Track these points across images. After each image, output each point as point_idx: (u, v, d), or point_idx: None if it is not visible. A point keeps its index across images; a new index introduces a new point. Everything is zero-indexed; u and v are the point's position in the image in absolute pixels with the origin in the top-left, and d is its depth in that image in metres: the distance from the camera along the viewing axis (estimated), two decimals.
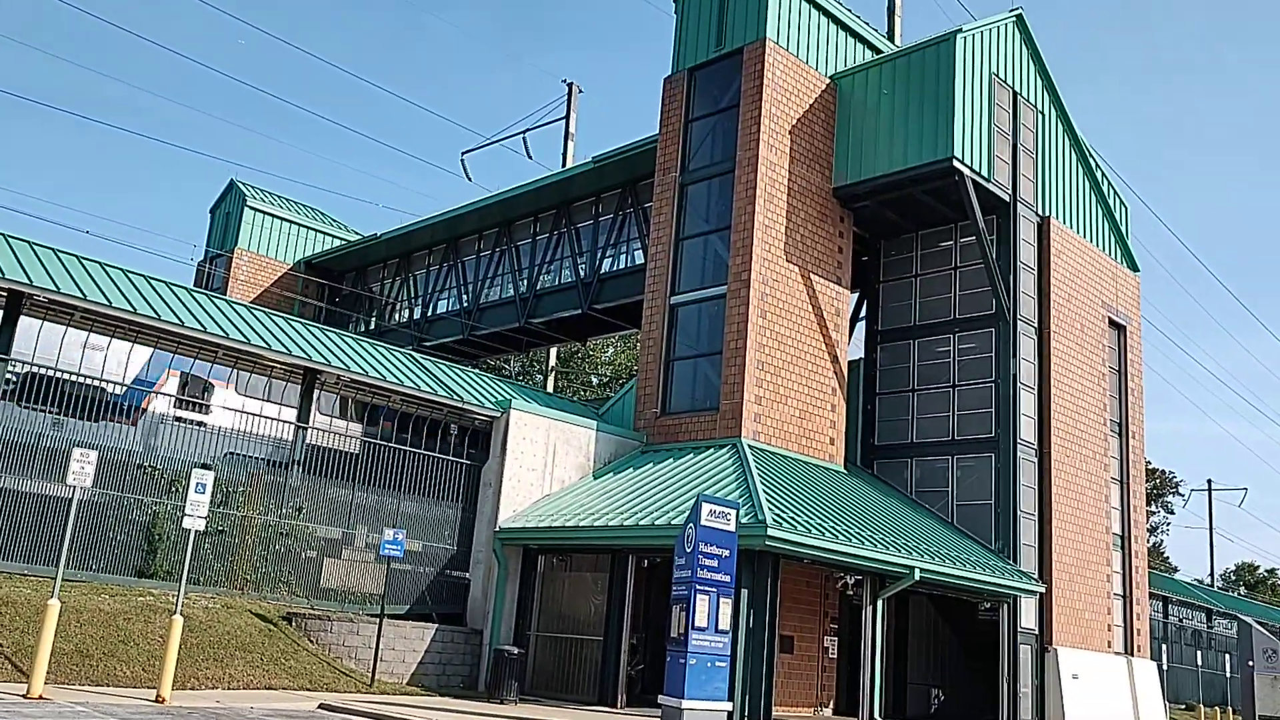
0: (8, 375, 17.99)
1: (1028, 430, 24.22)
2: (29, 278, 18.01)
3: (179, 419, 19.72)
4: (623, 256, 30.09)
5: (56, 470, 16.77)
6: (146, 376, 20.15)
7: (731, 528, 15.46)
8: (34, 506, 17.13)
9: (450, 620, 21.04)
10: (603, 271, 30.18)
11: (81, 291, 18.50)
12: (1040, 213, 26.07)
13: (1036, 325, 25.21)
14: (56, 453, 17.26)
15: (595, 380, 50.66)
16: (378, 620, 18.71)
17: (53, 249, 19.95)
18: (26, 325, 18.30)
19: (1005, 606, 22.88)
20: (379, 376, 21.79)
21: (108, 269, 20.37)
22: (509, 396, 23.06)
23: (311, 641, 18.54)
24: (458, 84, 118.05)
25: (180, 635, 14.76)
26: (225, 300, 22.67)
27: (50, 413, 18.02)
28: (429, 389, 22.27)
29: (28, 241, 19.65)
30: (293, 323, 23.04)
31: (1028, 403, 24.41)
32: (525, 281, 32.62)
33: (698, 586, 14.83)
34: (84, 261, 20.11)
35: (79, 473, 14.53)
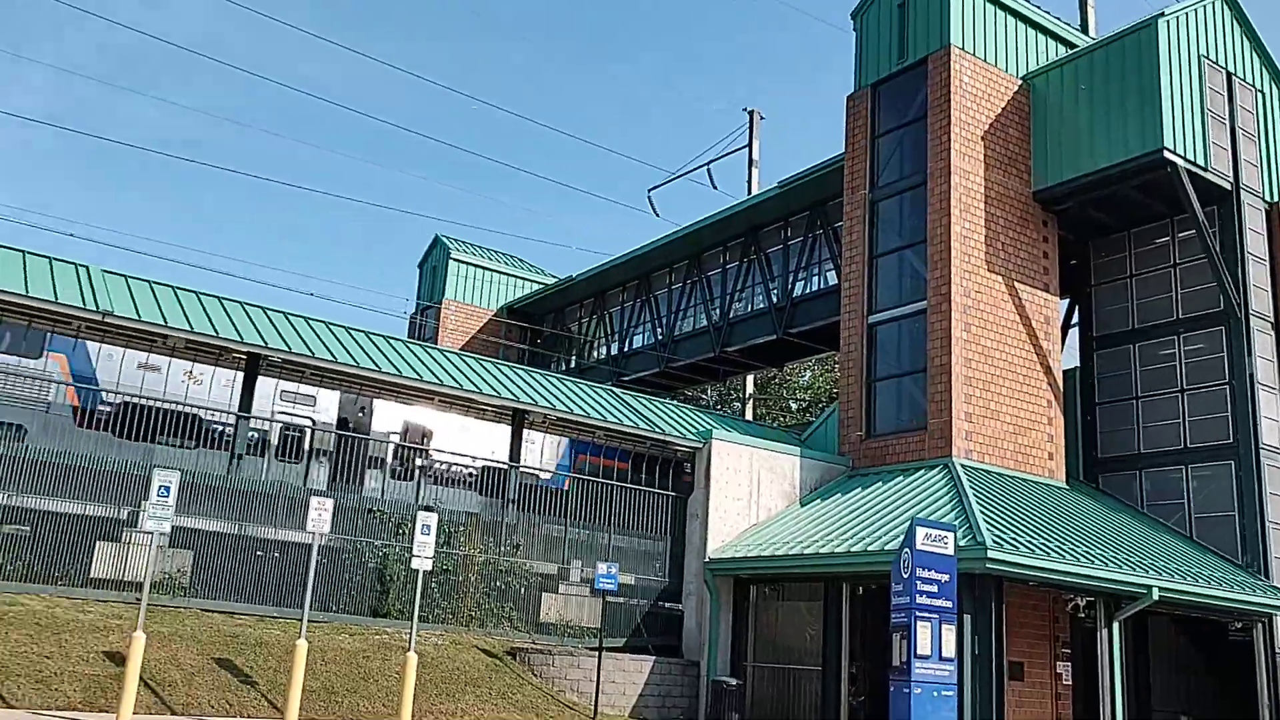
0: (250, 431, 19.55)
1: (1271, 434, 22.36)
2: (264, 340, 19.54)
3: (402, 464, 20.88)
4: (815, 279, 29.82)
5: (298, 519, 17.96)
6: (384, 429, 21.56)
7: (949, 551, 14.95)
8: (281, 553, 18.43)
9: (666, 652, 21.22)
10: (795, 295, 29.99)
11: (310, 350, 19.90)
12: (1269, 199, 24.17)
13: (1274, 320, 23.30)
14: (296, 502, 18.52)
15: (794, 405, 50.22)
16: (597, 653, 19.07)
17: (283, 313, 21.56)
18: (264, 384, 19.88)
19: (1260, 626, 21.09)
20: (583, 414, 22.37)
21: (331, 327, 21.84)
22: (709, 427, 23.19)
23: (535, 675, 19.09)
24: (637, 123, 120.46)
25: (415, 671, 15.52)
26: (438, 350, 23.88)
27: (293, 462, 19.46)
28: (631, 423, 22.67)
29: (261, 307, 21.33)
30: (500, 366, 24.00)
31: (1269, 404, 22.54)
32: (718, 311, 32.80)
33: (917, 613, 14.40)
34: (310, 322, 21.63)
35: (317, 520, 15.57)
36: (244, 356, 19.57)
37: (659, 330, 35.38)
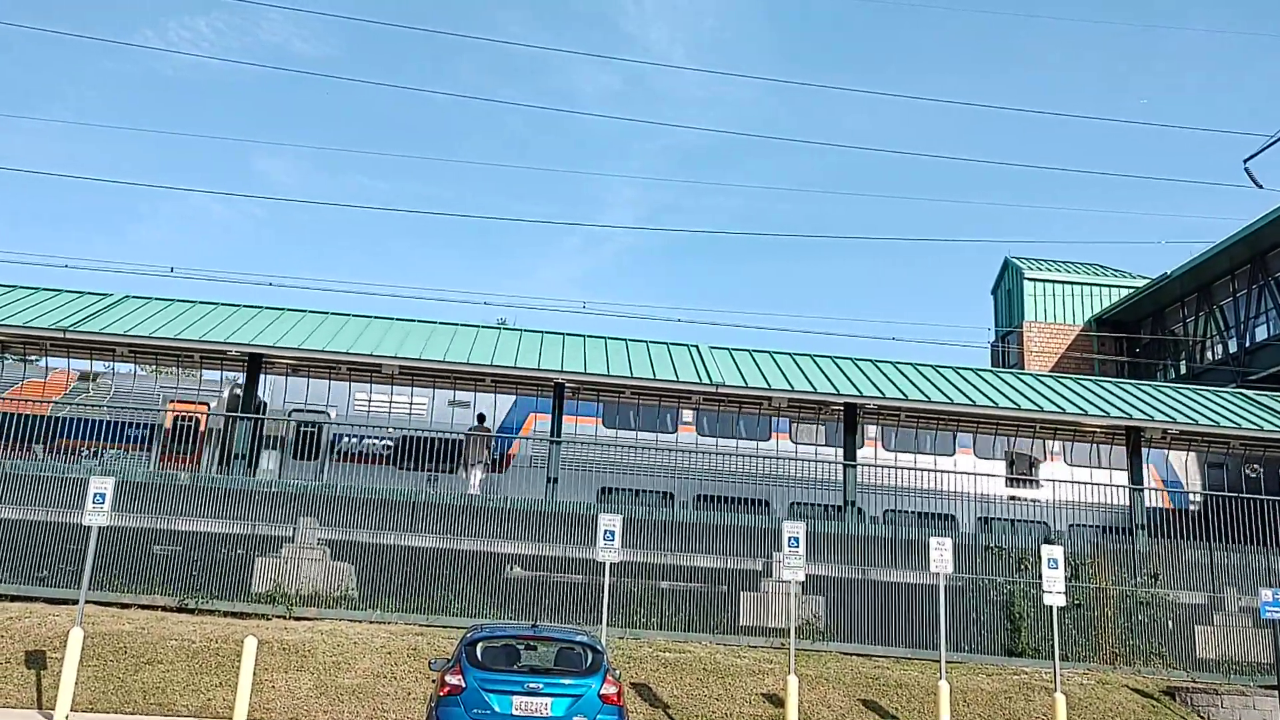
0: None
1: None
2: (858, 390, 20.29)
3: (1012, 498, 20.27)
4: None
5: (916, 560, 18.15)
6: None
7: None
8: (906, 594, 18.72)
9: None
10: None
11: (902, 393, 20.25)
12: None
13: None
14: (914, 545, 18.76)
15: None
16: (1276, 691, 16.67)
17: (871, 361, 22.27)
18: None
19: None
20: (1210, 423, 20.04)
21: (919, 368, 22.07)
22: None
23: (1200, 717, 17.16)
24: (1210, 92, 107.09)
25: (1065, 713, 14.78)
26: (1030, 375, 23.01)
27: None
28: (1274, 428, 19.81)
29: (852, 360, 22.27)
30: (1100, 383, 22.46)
31: None
32: None
33: None
34: (899, 366, 22.08)
35: (939, 560, 15.66)
36: (841, 408, 20.46)
37: None
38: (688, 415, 22.20)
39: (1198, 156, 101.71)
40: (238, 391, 22.96)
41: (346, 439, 21.77)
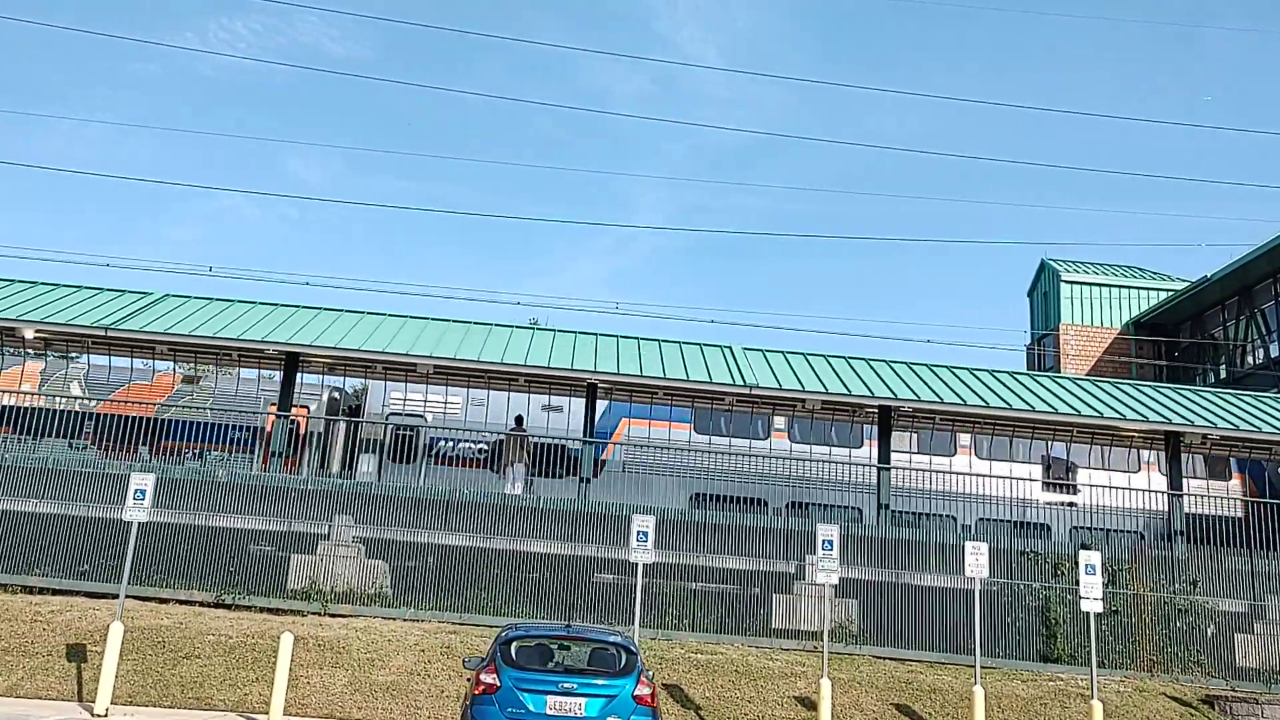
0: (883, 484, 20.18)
1: None
2: (893, 393, 20.16)
3: (1048, 503, 20.08)
4: None
5: (951, 565, 18.01)
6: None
7: None
8: (940, 599, 18.58)
9: None
10: None
11: (938, 396, 20.10)
12: None
13: None
14: (947, 548, 18.63)
15: None
16: None
17: (908, 364, 22.13)
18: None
19: None
20: (1252, 429, 19.76)
21: (955, 371, 21.91)
22: None
23: None
24: (1242, 91, 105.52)
25: None
26: (1067, 379, 22.78)
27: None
28: None
29: (887, 362, 22.13)
30: (1140, 387, 22.21)
31: None
32: None
33: None
34: (934, 369, 21.91)
35: (975, 564, 15.54)
36: (875, 410, 20.35)
37: None
38: (780, 422, 22.34)
39: (1240, 158, 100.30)
40: (336, 395, 23.35)
41: (443, 443, 22.03)
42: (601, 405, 21.28)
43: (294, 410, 20.03)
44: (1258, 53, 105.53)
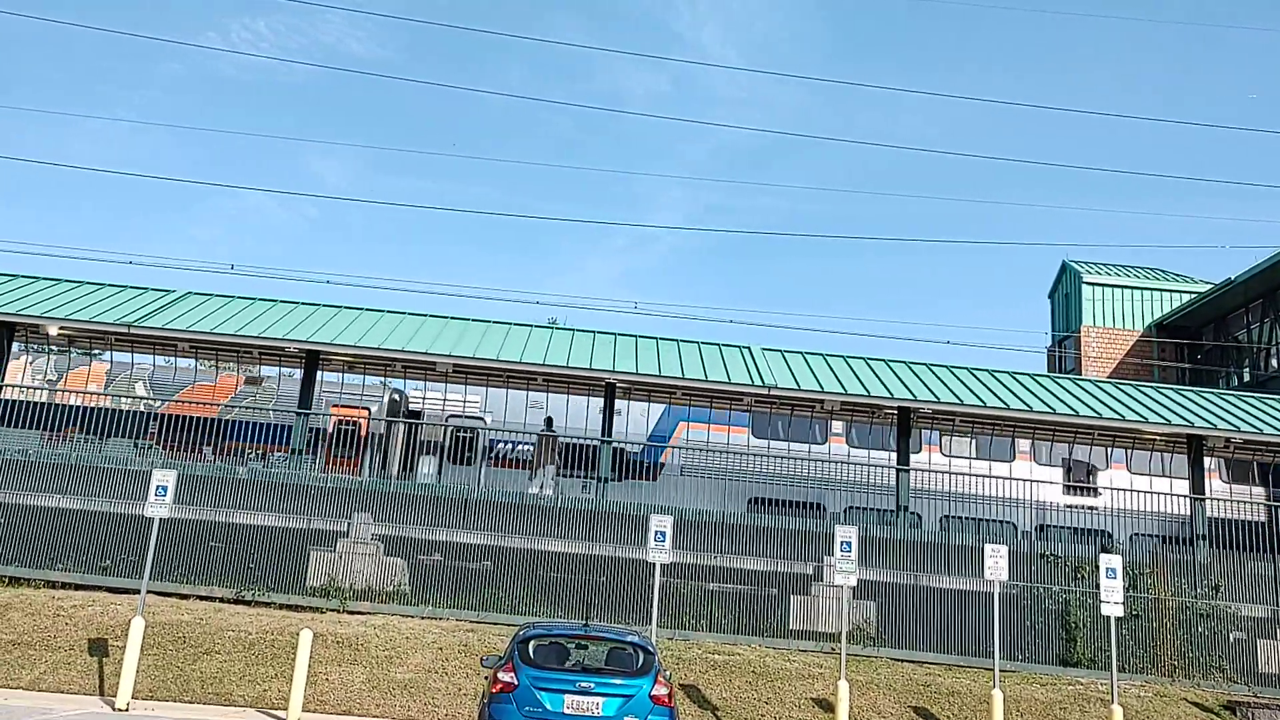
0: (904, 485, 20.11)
1: None
2: (912, 394, 20.07)
3: (1070, 505, 19.94)
4: None
5: (969, 567, 17.94)
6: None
7: None
8: (958, 602, 18.50)
9: None
10: None
11: (958, 397, 20.00)
12: None
13: None
14: (965, 550, 18.55)
15: None
16: None
17: (927, 365, 22.01)
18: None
19: None
20: (1275, 432, 19.58)
21: (975, 373, 21.78)
22: None
23: None
24: (1269, 91, 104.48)
25: None
26: (1089, 381, 22.61)
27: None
28: None
29: (907, 364, 22.01)
30: (1162, 390, 22.03)
31: None
32: None
33: None
34: (954, 370, 21.79)
35: (994, 567, 15.46)
36: (895, 411, 20.27)
37: None
38: (837, 427, 22.33)
39: (1266, 159, 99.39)
40: (396, 397, 23.51)
41: (501, 444, 22.14)
42: (658, 409, 21.36)
43: (355, 411, 20.15)
44: None
